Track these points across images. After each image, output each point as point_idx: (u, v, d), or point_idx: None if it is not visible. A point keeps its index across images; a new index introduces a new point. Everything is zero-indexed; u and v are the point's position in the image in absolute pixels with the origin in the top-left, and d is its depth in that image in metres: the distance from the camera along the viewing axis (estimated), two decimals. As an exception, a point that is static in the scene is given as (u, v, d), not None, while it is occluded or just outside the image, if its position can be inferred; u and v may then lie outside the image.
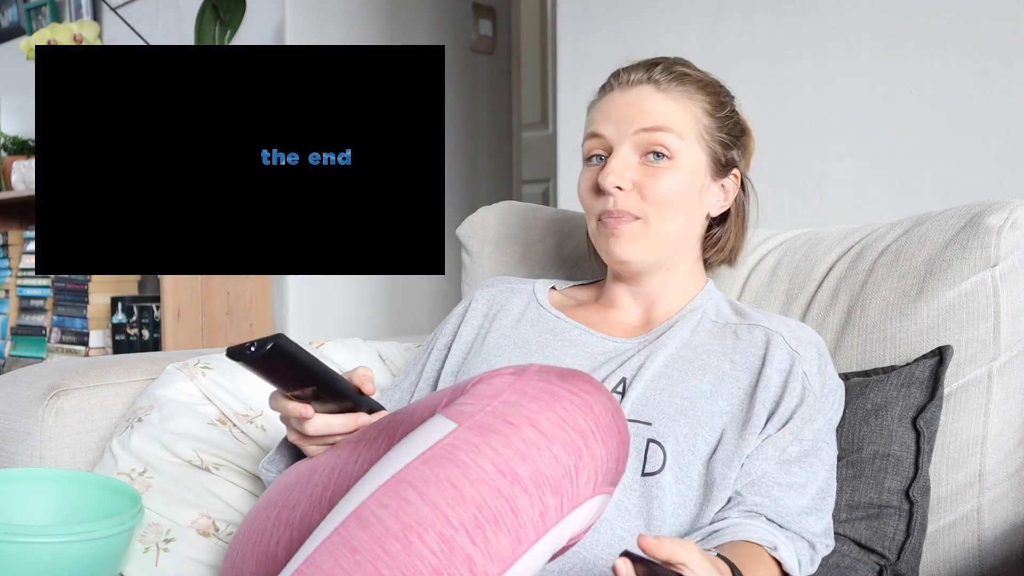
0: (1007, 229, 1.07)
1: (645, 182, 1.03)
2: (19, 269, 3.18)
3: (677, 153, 1.03)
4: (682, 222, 1.06)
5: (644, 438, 0.94)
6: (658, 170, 1.03)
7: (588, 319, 1.10)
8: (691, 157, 1.05)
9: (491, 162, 3.45)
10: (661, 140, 1.03)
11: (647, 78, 1.06)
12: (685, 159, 1.04)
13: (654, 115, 1.03)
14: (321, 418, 0.91)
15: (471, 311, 1.15)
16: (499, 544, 0.69)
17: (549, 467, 0.72)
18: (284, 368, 0.83)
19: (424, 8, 3.19)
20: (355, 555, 0.69)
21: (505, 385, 0.77)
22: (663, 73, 1.06)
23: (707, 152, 1.06)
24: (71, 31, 2.54)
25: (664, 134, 1.03)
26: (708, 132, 1.06)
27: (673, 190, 1.03)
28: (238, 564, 0.92)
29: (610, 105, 1.07)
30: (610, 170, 1.03)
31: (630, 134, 1.04)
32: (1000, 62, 1.68)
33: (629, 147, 1.04)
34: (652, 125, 1.03)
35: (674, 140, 1.03)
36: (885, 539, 0.98)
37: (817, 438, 0.97)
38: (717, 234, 1.15)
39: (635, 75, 1.07)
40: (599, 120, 1.07)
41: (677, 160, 1.04)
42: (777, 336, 1.01)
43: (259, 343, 0.78)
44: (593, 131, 1.07)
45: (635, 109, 1.04)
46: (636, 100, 1.05)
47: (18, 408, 1.25)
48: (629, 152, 1.04)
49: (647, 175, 1.03)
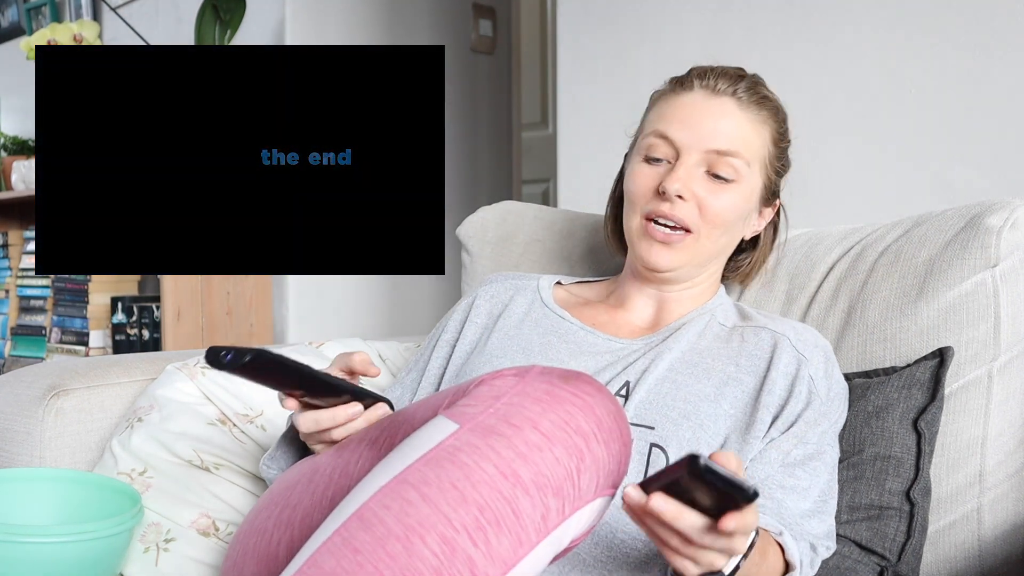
0: (1007, 229, 1.06)
1: (707, 198, 1.02)
2: (19, 269, 3.17)
3: (741, 177, 1.03)
4: (725, 242, 1.07)
5: (647, 442, 0.94)
6: (721, 189, 1.03)
7: (595, 319, 1.10)
8: (751, 182, 1.05)
9: (491, 162, 3.45)
10: (731, 164, 1.02)
11: (732, 91, 1.04)
12: (746, 183, 1.04)
13: (731, 138, 1.02)
14: (310, 415, 0.91)
15: (475, 309, 1.14)
16: (500, 546, 0.69)
17: (551, 469, 0.72)
18: (263, 376, 0.83)
19: (424, 8, 3.19)
20: (356, 556, 0.69)
21: (507, 387, 0.77)
22: (748, 92, 1.04)
23: (764, 179, 1.07)
24: (71, 31, 2.54)
25: (735, 159, 1.02)
26: (770, 160, 1.06)
27: (731, 211, 1.03)
28: (239, 563, 0.92)
29: (688, 108, 1.04)
30: (677, 177, 1.01)
31: (703, 150, 1.02)
32: (1000, 62, 1.68)
33: (698, 159, 1.03)
34: (725, 149, 1.02)
35: (741, 165, 1.03)
36: (886, 540, 0.98)
37: (821, 442, 0.97)
38: (747, 259, 1.16)
39: (721, 84, 1.04)
40: (672, 121, 1.04)
41: (739, 182, 1.03)
42: (784, 339, 1.01)
43: (236, 354, 0.78)
44: (663, 131, 1.04)
45: (713, 123, 1.02)
46: (717, 113, 1.03)
47: (18, 408, 1.25)
48: (697, 162, 1.03)
49: (709, 191, 1.02)
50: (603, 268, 1.35)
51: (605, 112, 2.23)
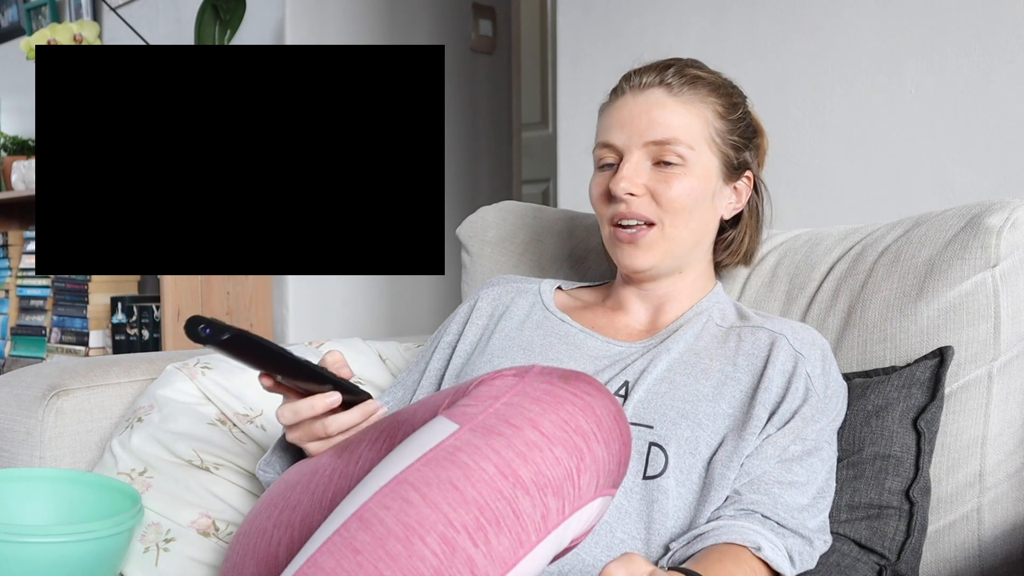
0: (1007, 229, 1.06)
1: (658, 188, 1.03)
2: (19, 269, 3.17)
3: (688, 160, 1.03)
4: (695, 227, 1.06)
5: (646, 441, 0.94)
6: (670, 176, 1.03)
7: (594, 323, 1.10)
8: (703, 162, 1.04)
9: (491, 162, 3.45)
10: (671, 151, 1.02)
11: (659, 81, 1.05)
12: (697, 164, 1.04)
13: (665, 126, 1.03)
14: (288, 406, 0.91)
15: (476, 311, 1.15)
16: (500, 546, 0.69)
17: (551, 469, 0.72)
18: (242, 355, 0.82)
19: (424, 8, 3.19)
20: (357, 556, 0.69)
21: (507, 387, 0.77)
22: (675, 76, 1.05)
23: (719, 156, 1.06)
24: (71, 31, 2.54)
25: (675, 145, 1.02)
26: (720, 136, 1.06)
27: (686, 195, 1.03)
28: (238, 564, 0.92)
29: (621, 111, 1.06)
30: (621, 176, 1.02)
31: (640, 144, 1.03)
32: (1000, 62, 1.68)
33: (640, 154, 1.03)
34: (662, 138, 1.02)
35: (684, 150, 1.03)
36: (885, 539, 0.98)
37: (819, 438, 0.97)
38: (730, 237, 1.15)
39: (647, 78, 1.05)
40: (610, 127, 1.06)
41: (689, 166, 1.03)
42: (781, 338, 1.01)
43: (214, 329, 0.77)
44: (604, 140, 1.06)
45: (646, 117, 1.03)
46: (647, 106, 1.04)
47: (18, 408, 1.25)
48: (640, 158, 1.03)
49: (659, 181, 1.03)
50: (603, 268, 1.35)
51: (605, 112, 2.23)
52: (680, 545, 0.89)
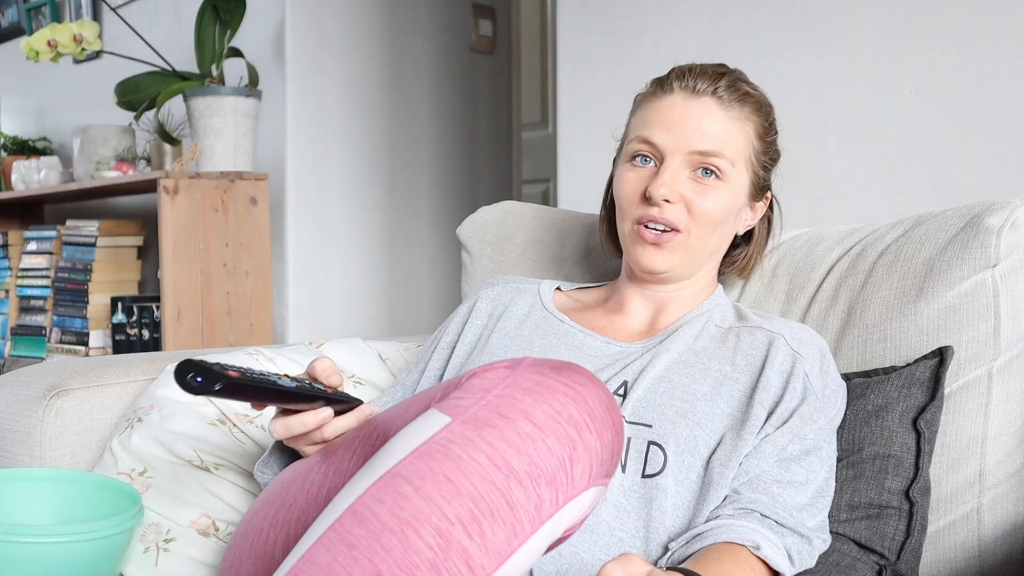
0: (1007, 229, 1.06)
1: (694, 199, 1.02)
2: (19, 269, 3.17)
3: (727, 175, 1.03)
4: (717, 240, 1.07)
5: (645, 440, 0.94)
6: (707, 188, 1.03)
7: (594, 323, 1.10)
8: (738, 179, 1.05)
9: (491, 162, 3.45)
10: (715, 163, 1.02)
11: (712, 90, 1.03)
12: (733, 181, 1.04)
13: (713, 138, 1.02)
14: (281, 421, 0.91)
15: (476, 311, 1.15)
16: (495, 537, 0.69)
17: (544, 460, 0.72)
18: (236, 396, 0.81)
19: (424, 8, 3.19)
20: (352, 551, 0.69)
21: (499, 378, 0.77)
22: (728, 90, 1.04)
23: (751, 175, 1.07)
24: (71, 31, 2.54)
25: (719, 159, 1.02)
26: (756, 155, 1.06)
27: (719, 210, 1.03)
28: (236, 564, 0.92)
29: (671, 112, 1.04)
30: (663, 182, 1.01)
31: (685, 152, 1.02)
32: (1000, 62, 1.68)
33: (682, 161, 1.03)
34: (708, 149, 1.02)
35: (726, 165, 1.03)
36: (885, 539, 0.98)
37: (818, 438, 0.97)
38: (742, 253, 1.16)
39: (701, 84, 1.04)
40: (655, 125, 1.04)
41: (726, 181, 1.03)
42: (779, 338, 1.01)
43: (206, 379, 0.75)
44: (646, 136, 1.04)
45: (695, 125, 1.02)
46: (697, 114, 1.03)
47: (18, 408, 1.25)
48: (681, 165, 1.03)
49: (696, 192, 1.03)
50: (603, 268, 1.35)
51: (605, 112, 2.23)
52: (679, 545, 0.89)
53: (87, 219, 3.00)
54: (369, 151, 3.05)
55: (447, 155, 3.28)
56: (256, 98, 2.54)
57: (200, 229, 2.49)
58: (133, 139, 3.00)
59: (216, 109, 2.47)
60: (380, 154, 3.08)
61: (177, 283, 2.47)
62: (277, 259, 2.83)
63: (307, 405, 0.89)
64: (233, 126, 2.50)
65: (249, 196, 2.57)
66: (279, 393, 0.84)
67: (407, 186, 3.16)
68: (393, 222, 3.12)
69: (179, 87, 2.47)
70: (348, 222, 3.00)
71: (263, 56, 2.83)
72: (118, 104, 2.56)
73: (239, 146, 2.53)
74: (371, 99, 3.04)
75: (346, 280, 3.00)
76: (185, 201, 2.46)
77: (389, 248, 3.12)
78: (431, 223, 3.23)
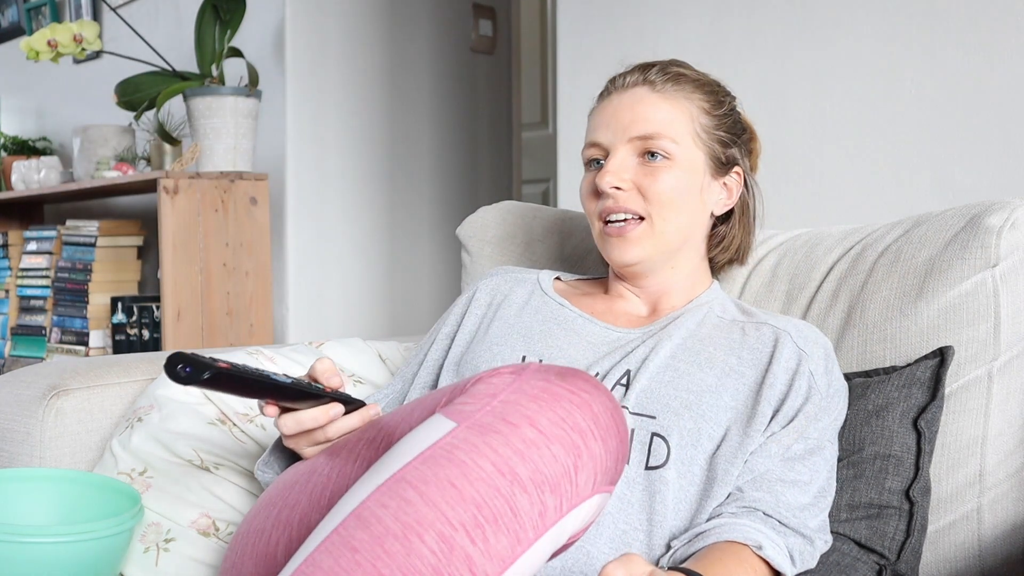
0: (1007, 229, 1.07)
1: (644, 181, 1.04)
2: (19, 269, 3.17)
3: (673, 154, 1.04)
4: (684, 221, 1.06)
5: (648, 432, 0.94)
6: (656, 169, 1.04)
7: (593, 308, 1.11)
8: (688, 156, 1.05)
9: (491, 162, 3.45)
10: (657, 145, 1.04)
11: (642, 79, 1.07)
12: (682, 159, 1.05)
13: (648, 121, 1.04)
14: (291, 416, 0.90)
15: (475, 301, 1.15)
16: (498, 544, 0.69)
17: (548, 466, 0.72)
18: (232, 388, 0.80)
19: (424, 8, 3.19)
20: (355, 555, 0.69)
21: (504, 384, 0.77)
22: (658, 74, 1.07)
23: (705, 150, 1.07)
24: (71, 31, 2.54)
25: (660, 140, 1.04)
26: (705, 131, 1.07)
27: (673, 188, 1.04)
28: (237, 564, 0.92)
29: (607, 111, 1.08)
30: (607, 171, 1.04)
31: (625, 140, 1.05)
32: (1000, 62, 1.68)
33: (626, 150, 1.05)
34: (646, 133, 1.04)
35: (669, 144, 1.04)
36: (885, 539, 0.98)
37: (822, 437, 0.97)
38: (722, 232, 1.15)
39: (630, 78, 1.08)
40: (597, 127, 1.08)
41: (674, 160, 1.04)
42: (785, 335, 1.01)
43: (194, 369, 0.73)
44: (591, 139, 1.09)
45: (630, 114, 1.05)
46: (631, 103, 1.06)
47: (18, 408, 1.25)
48: (626, 154, 1.05)
49: (645, 175, 1.04)
50: (602, 269, 1.35)
51: (605, 112, 2.22)
52: (681, 543, 0.89)
53: (87, 219, 3.00)
54: (369, 151, 3.05)
55: (447, 155, 3.28)
56: (256, 98, 2.54)
57: (200, 229, 2.49)
58: (133, 139, 3.00)
59: (216, 109, 2.47)
60: (380, 154, 3.08)
61: (177, 283, 2.47)
62: (277, 259, 2.83)
63: (305, 403, 0.89)
64: (233, 126, 2.50)
65: (249, 196, 2.57)
66: (273, 387, 0.84)
67: (407, 186, 3.16)
68: (393, 222, 3.12)
69: (179, 87, 2.47)
70: (348, 222, 3.00)
71: (263, 56, 2.83)
72: (118, 104, 2.55)
73: (239, 146, 2.53)
74: (371, 99, 3.04)
75: (346, 280, 3.00)
76: (185, 201, 2.46)
77: (389, 248, 3.12)
78: (431, 223, 3.23)
